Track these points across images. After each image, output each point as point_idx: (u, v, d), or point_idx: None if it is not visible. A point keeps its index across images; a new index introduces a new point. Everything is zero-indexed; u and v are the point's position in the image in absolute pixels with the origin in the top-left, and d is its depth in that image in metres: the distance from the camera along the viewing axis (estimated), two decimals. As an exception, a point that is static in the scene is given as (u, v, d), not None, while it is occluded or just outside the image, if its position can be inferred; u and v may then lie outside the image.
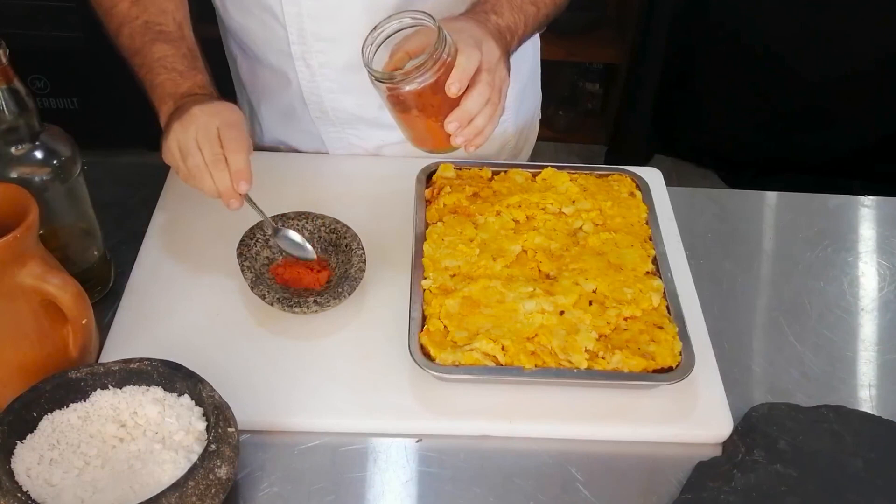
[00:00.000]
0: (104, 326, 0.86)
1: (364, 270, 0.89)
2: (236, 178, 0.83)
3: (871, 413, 0.84)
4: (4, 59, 0.76)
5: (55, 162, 0.83)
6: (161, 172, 1.06)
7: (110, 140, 0.97)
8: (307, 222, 0.94)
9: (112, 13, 0.98)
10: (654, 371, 0.80)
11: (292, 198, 1.00)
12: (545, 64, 1.29)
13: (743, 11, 2.33)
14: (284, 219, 0.94)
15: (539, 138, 1.35)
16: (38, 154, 0.82)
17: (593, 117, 2.85)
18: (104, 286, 0.93)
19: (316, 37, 1.01)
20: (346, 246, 0.92)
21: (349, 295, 0.88)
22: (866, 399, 0.87)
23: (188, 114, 0.86)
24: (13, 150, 0.81)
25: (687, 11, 2.38)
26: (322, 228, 0.94)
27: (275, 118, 1.17)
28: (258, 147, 1.22)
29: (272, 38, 1.04)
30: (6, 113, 0.78)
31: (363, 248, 0.91)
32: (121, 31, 0.97)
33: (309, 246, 0.91)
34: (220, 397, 0.73)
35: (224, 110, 0.86)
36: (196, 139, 0.84)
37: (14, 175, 0.81)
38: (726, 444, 0.81)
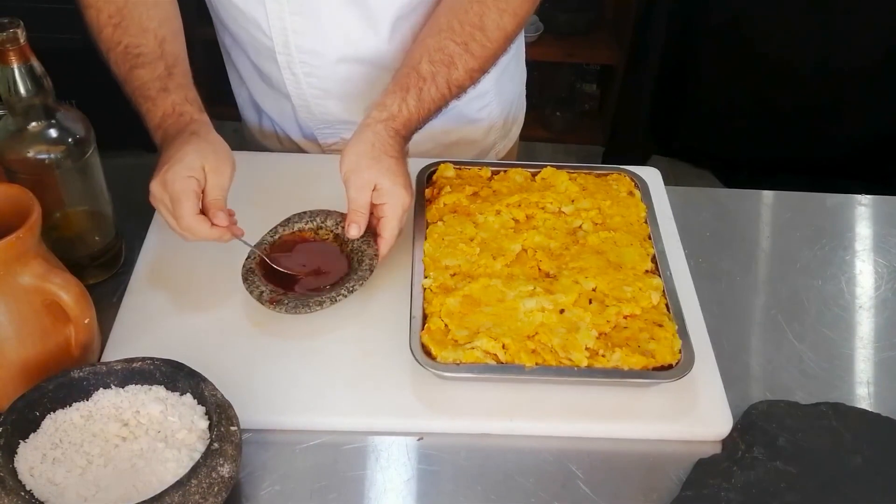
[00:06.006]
0: (106, 326, 0.86)
1: (373, 269, 0.90)
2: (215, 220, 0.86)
3: (870, 410, 0.85)
4: (22, 39, 0.77)
5: (69, 140, 0.85)
6: (161, 173, 1.06)
7: (110, 141, 0.96)
8: (326, 219, 0.95)
9: (100, 39, 0.97)
10: (654, 369, 0.81)
11: (293, 198, 1.00)
12: (542, 65, 1.30)
13: (739, 11, 2.34)
14: (306, 216, 0.95)
15: (536, 139, 1.36)
16: (53, 132, 0.84)
17: (590, 118, 2.85)
18: (114, 265, 0.96)
19: (300, 49, 1.05)
20: (356, 246, 0.93)
21: (360, 287, 0.88)
22: (864, 396, 0.87)
23: (153, 181, 0.87)
24: (29, 127, 0.83)
25: (683, 12, 2.39)
26: (341, 224, 0.94)
27: (272, 108, 1.19)
28: (260, 133, 1.24)
29: (260, 48, 1.07)
30: (23, 91, 0.80)
31: (375, 247, 0.91)
32: (109, 58, 0.96)
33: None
34: (223, 396, 0.73)
35: (176, 176, 0.85)
36: (164, 216, 0.88)
37: (30, 153, 0.84)
38: (726, 442, 0.81)
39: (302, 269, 0.92)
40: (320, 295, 0.87)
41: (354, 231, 0.90)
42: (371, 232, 0.92)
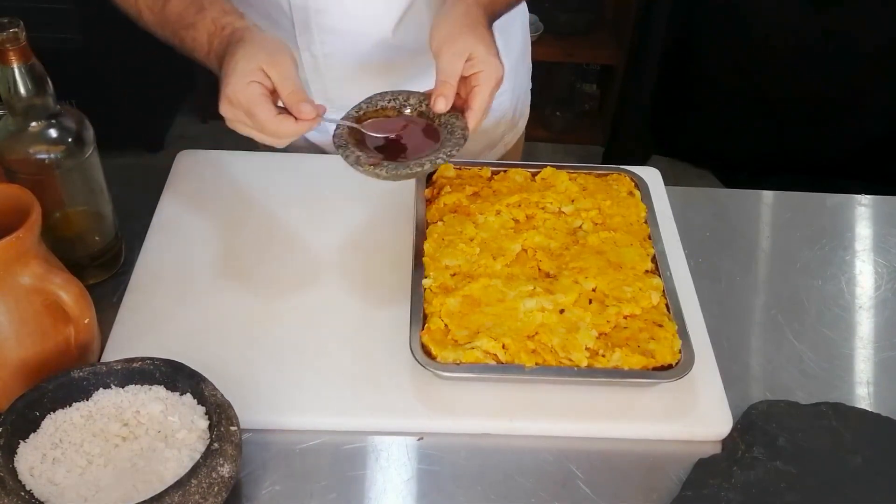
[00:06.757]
0: (106, 326, 0.86)
1: (466, 138, 0.86)
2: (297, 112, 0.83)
3: (870, 410, 0.85)
4: (22, 39, 0.78)
5: (69, 140, 0.85)
6: (161, 173, 1.06)
7: (109, 141, 0.96)
8: (409, 97, 0.93)
9: None
10: (654, 369, 0.81)
11: (292, 197, 1.00)
12: (542, 65, 1.30)
13: (740, 11, 2.34)
14: (388, 95, 0.93)
15: (536, 139, 1.37)
16: (53, 132, 0.84)
17: (590, 118, 2.86)
18: (114, 265, 0.96)
19: (321, 28, 1.03)
20: (444, 120, 0.89)
21: (456, 153, 0.85)
22: (864, 396, 0.87)
23: (220, 104, 0.84)
24: (29, 127, 0.83)
25: (683, 12, 2.39)
26: (425, 102, 0.92)
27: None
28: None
29: (278, 30, 1.05)
30: (23, 91, 0.80)
31: (464, 120, 0.88)
32: (140, 10, 0.94)
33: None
34: (222, 396, 0.73)
35: (236, 88, 0.82)
36: (248, 132, 0.85)
37: (30, 153, 0.84)
38: (726, 442, 0.81)
39: (392, 140, 0.89)
40: (419, 157, 0.85)
41: (442, 104, 0.85)
42: (457, 109, 0.88)
